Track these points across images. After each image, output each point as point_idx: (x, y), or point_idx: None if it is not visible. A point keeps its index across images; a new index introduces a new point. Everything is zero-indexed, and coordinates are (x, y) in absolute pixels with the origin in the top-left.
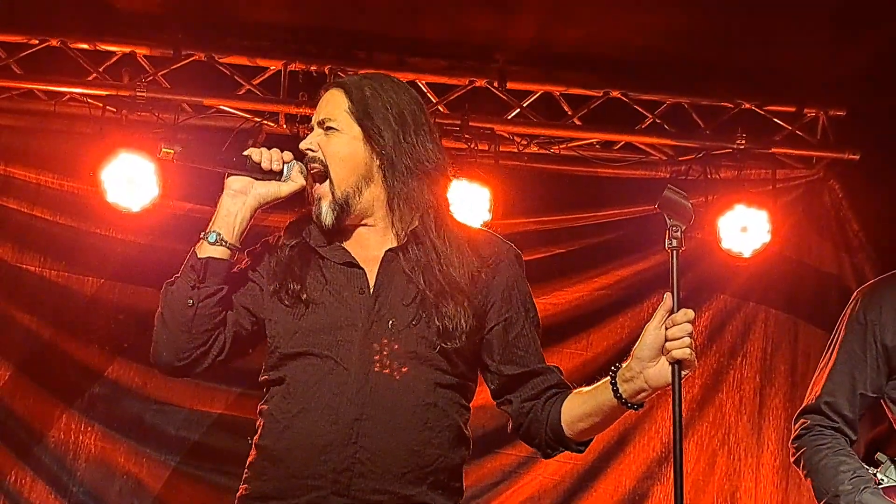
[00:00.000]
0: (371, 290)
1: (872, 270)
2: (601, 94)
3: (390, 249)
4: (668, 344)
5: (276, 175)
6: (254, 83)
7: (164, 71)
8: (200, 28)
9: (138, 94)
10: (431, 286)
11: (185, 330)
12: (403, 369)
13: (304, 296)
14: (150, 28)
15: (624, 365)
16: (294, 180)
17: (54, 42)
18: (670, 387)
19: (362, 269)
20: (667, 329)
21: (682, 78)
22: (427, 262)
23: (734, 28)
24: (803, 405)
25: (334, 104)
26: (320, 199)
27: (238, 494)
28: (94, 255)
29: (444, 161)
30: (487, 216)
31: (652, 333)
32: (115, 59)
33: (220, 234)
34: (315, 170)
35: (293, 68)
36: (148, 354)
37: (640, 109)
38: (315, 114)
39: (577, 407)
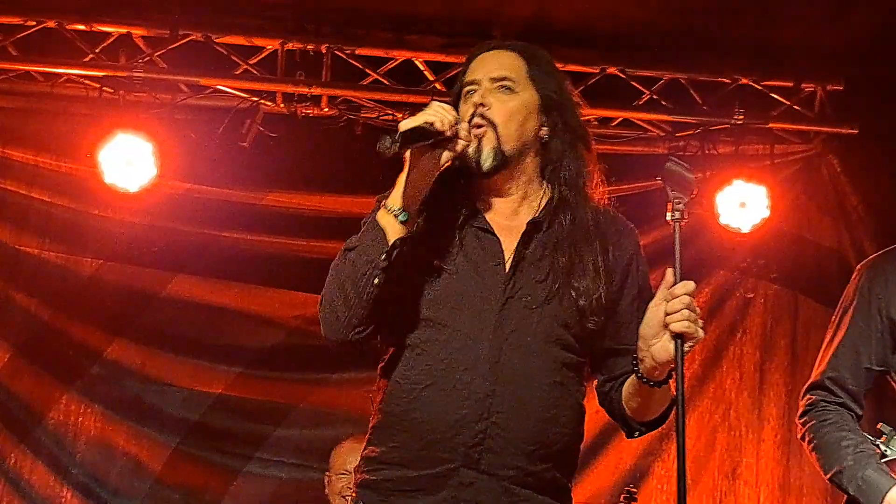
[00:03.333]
0: (508, 265)
1: (872, 244)
2: (598, 70)
3: (532, 221)
4: (667, 318)
5: (454, 139)
6: (251, 63)
7: (161, 51)
8: (197, 8)
9: (135, 74)
10: (566, 263)
11: (367, 306)
12: (535, 348)
13: (437, 261)
14: (146, 8)
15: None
16: (464, 139)
17: (50, 23)
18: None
19: (498, 238)
20: (666, 303)
21: (680, 54)
22: (564, 238)
23: (731, 3)
24: (809, 381)
25: (512, 65)
26: (482, 142)
27: (365, 454)
28: (92, 236)
29: (590, 137)
30: None
31: (651, 311)
32: (111, 39)
33: (409, 214)
34: (480, 124)
35: (290, 47)
36: (147, 335)
37: (637, 86)
38: (481, 68)
39: (626, 388)
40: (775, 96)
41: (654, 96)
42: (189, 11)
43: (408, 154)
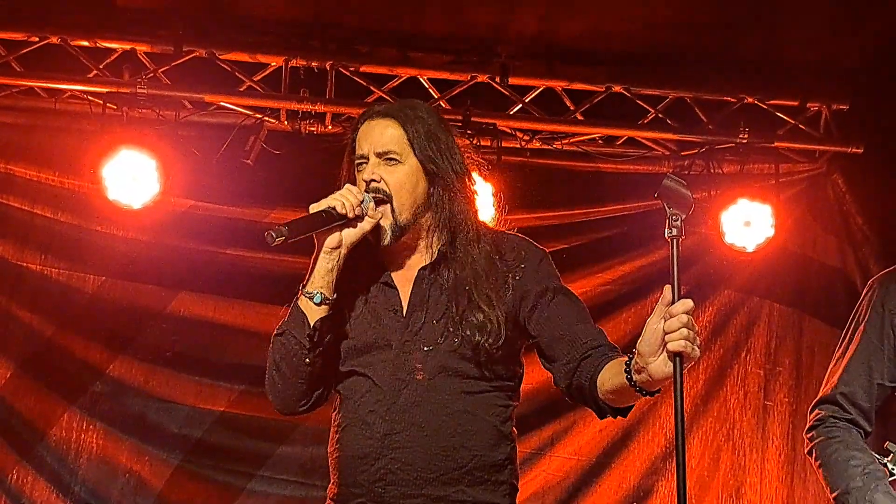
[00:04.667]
0: (404, 310)
1: (877, 264)
2: (603, 89)
3: (422, 268)
4: (666, 337)
5: (359, 218)
6: (255, 79)
7: (165, 68)
8: (201, 24)
9: (139, 90)
10: (460, 300)
11: (305, 381)
12: (431, 384)
13: (351, 318)
14: (150, 25)
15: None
16: (372, 216)
17: (54, 39)
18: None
19: (396, 289)
20: (665, 321)
21: (685, 72)
22: (456, 277)
23: (736, 21)
24: (819, 395)
25: (393, 136)
26: (381, 220)
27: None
28: (95, 253)
29: (472, 177)
30: (490, 212)
31: (650, 328)
32: (115, 55)
33: (324, 295)
34: (377, 198)
35: (294, 64)
36: (150, 352)
37: (642, 104)
38: (367, 142)
39: (607, 381)
40: (781, 115)
41: (660, 115)
42: (193, 28)
43: (315, 238)
